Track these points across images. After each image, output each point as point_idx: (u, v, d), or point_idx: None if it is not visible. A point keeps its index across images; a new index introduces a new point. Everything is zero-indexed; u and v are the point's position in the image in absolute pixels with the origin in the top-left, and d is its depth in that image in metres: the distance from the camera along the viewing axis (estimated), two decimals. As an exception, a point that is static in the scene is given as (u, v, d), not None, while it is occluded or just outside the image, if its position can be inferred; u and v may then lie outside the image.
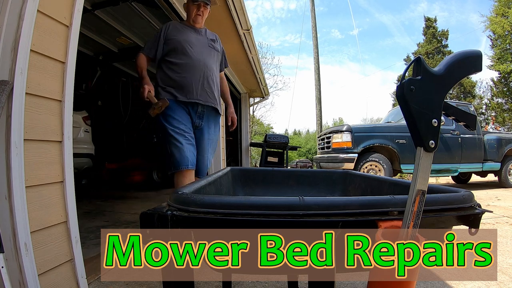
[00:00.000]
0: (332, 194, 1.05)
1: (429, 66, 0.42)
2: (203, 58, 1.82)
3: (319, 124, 11.94)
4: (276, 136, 5.58)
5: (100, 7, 3.30)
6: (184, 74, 1.76)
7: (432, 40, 20.31)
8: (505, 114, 16.99)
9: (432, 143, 0.41)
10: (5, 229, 0.94)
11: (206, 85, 1.81)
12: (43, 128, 1.10)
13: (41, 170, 1.09)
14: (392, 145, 4.88)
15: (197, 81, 1.78)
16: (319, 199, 0.46)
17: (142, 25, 3.74)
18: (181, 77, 1.76)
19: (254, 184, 1.06)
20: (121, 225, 2.65)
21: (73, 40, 1.21)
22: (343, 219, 0.43)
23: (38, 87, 1.07)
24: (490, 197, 4.31)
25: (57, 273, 1.12)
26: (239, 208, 0.43)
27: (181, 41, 1.77)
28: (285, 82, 18.84)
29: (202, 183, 0.62)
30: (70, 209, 1.19)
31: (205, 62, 1.83)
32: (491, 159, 5.45)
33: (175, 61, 1.77)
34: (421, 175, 0.41)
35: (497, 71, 16.63)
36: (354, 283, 1.47)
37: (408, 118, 0.42)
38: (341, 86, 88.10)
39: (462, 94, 19.12)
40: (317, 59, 12.00)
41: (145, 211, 0.43)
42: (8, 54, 0.97)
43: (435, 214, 0.47)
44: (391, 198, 0.46)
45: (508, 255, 1.84)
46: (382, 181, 0.84)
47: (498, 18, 15.64)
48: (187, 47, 1.78)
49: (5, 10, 0.97)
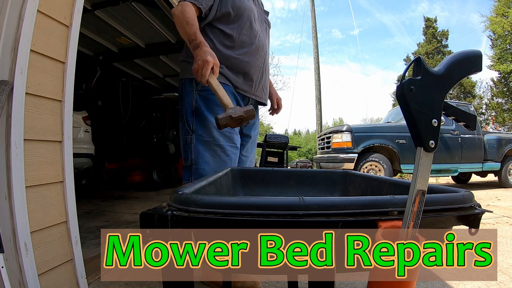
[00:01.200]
0: (332, 194, 1.05)
1: (429, 66, 0.42)
2: (263, 39, 1.35)
3: (319, 124, 11.94)
4: (276, 136, 5.58)
5: (100, 7, 3.29)
6: (246, 57, 1.25)
7: (432, 40, 20.32)
8: (505, 114, 17.00)
9: (432, 143, 0.41)
10: (5, 229, 0.94)
11: (264, 78, 1.37)
12: (43, 128, 1.10)
13: (41, 170, 1.09)
14: (392, 145, 4.89)
15: (257, 70, 1.31)
16: (319, 199, 0.46)
17: (142, 25, 3.73)
18: (243, 61, 1.24)
19: (254, 184, 1.06)
20: (121, 225, 2.65)
21: (73, 40, 1.21)
22: (343, 219, 0.43)
23: (38, 87, 1.07)
24: (490, 197, 4.31)
25: (57, 273, 1.12)
26: (239, 208, 0.43)
27: (245, 8, 1.25)
28: (285, 82, 18.85)
29: (202, 183, 0.62)
30: (70, 209, 1.19)
31: (265, 45, 1.36)
32: (491, 159, 5.45)
33: (235, 35, 1.23)
34: (421, 175, 0.41)
35: (497, 71, 16.64)
36: (354, 283, 1.47)
37: (408, 118, 0.42)
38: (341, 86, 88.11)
39: (462, 94, 19.12)
40: (317, 59, 12.00)
41: (145, 211, 0.43)
42: (8, 54, 0.97)
43: (435, 214, 0.47)
44: (391, 198, 0.46)
45: (508, 255, 1.84)
46: (382, 181, 0.84)
47: (498, 18, 15.65)
48: (252, 20, 1.27)
49: (5, 10, 0.97)
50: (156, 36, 3.99)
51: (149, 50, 4.41)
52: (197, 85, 1.22)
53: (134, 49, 4.47)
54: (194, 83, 1.22)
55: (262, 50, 1.32)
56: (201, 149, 1.19)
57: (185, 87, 1.26)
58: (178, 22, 1.14)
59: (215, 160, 1.19)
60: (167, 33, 3.88)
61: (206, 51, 1.01)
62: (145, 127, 6.08)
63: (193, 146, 1.20)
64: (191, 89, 1.23)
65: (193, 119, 1.21)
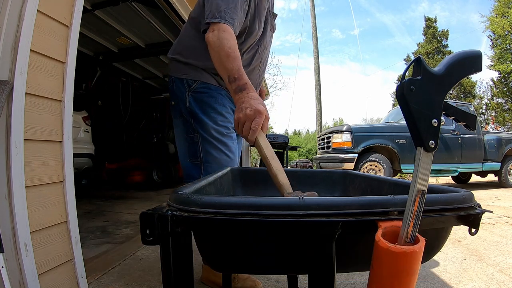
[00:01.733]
0: (332, 194, 1.05)
1: (429, 66, 0.42)
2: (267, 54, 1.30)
3: (319, 124, 11.94)
4: (276, 136, 5.58)
5: (100, 7, 3.30)
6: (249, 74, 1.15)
7: (432, 40, 20.33)
8: (505, 114, 17.01)
9: (432, 143, 0.41)
10: (5, 229, 0.94)
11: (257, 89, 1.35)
12: (43, 128, 1.10)
13: (41, 170, 1.09)
14: (392, 145, 4.89)
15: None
16: (319, 199, 0.46)
17: (142, 25, 3.74)
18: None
19: (254, 184, 1.06)
20: (121, 225, 2.65)
21: (73, 40, 1.21)
22: (343, 219, 0.43)
23: (38, 87, 1.07)
24: (490, 197, 4.31)
25: (57, 273, 1.12)
26: (239, 208, 0.42)
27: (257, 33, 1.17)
28: (285, 82, 18.90)
29: (202, 183, 0.62)
30: (70, 209, 1.19)
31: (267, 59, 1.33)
32: (491, 159, 5.46)
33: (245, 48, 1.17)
34: (421, 175, 0.41)
35: (497, 71, 16.64)
36: (354, 283, 1.47)
37: (408, 118, 0.42)
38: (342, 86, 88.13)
39: (462, 94, 19.13)
40: (317, 59, 12.01)
41: (145, 211, 0.43)
42: (8, 54, 0.97)
43: (435, 214, 0.47)
44: (391, 198, 0.46)
45: (508, 255, 1.84)
46: (382, 181, 0.83)
47: (498, 18, 15.66)
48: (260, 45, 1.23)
49: (5, 10, 0.97)
50: (156, 36, 3.99)
51: (149, 50, 4.42)
52: (189, 86, 1.19)
53: (134, 49, 4.48)
54: (186, 83, 1.19)
55: (260, 68, 1.28)
56: (207, 148, 1.18)
57: (176, 85, 1.21)
58: (215, 53, 0.94)
59: (221, 157, 1.19)
60: (167, 33, 3.89)
61: (256, 98, 0.82)
62: (145, 127, 6.09)
63: (200, 144, 1.18)
64: (184, 90, 1.19)
65: (191, 120, 1.19)
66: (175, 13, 2.72)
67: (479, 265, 1.68)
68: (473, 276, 1.53)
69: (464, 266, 1.67)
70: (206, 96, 1.18)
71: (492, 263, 1.71)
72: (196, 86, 1.18)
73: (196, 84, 1.18)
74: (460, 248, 2.01)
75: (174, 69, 1.24)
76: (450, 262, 1.74)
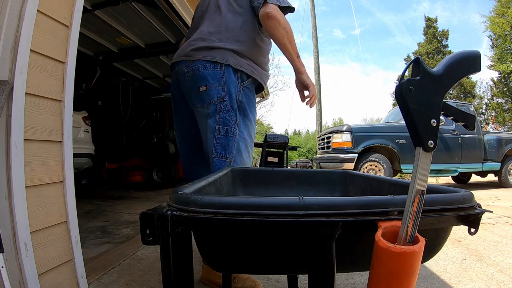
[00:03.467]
0: (332, 194, 1.05)
1: (429, 66, 0.42)
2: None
3: (319, 124, 11.93)
4: (276, 136, 5.58)
5: (100, 7, 3.29)
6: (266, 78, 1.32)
7: (433, 40, 20.33)
8: (505, 114, 17.01)
9: (431, 143, 0.41)
10: (5, 229, 0.94)
11: None
12: (43, 128, 1.10)
13: (41, 170, 1.09)
14: (392, 145, 4.89)
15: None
16: (319, 199, 0.46)
17: (142, 25, 3.74)
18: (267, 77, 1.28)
19: (254, 184, 1.06)
20: (121, 225, 2.65)
21: (73, 40, 1.21)
22: (343, 219, 0.43)
23: (38, 87, 1.07)
24: (490, 197, 4.31)
25: (57, 273, 1.12)
26: (239, 208, 0.43)
27: None
28: (285, 82, 18.80)
29: (202, 183, 0.62)
30: (70, 209, 1.19)
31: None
32: (491, 159, 5.46)
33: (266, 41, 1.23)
34: (420, 175, 0.41)
35: (497, 71, 16.64)
36: (354, 283, 1.47)
37: (407, 118, 0.42)
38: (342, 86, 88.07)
39: (462, 94, 19.13)
40: (317, 59, 11.99)
41: (145, 211, 0.43)
42: (8, 54, 0.97)
43: (435, 214, 0.47)
44: (391, 198, 0.46)
45: (508, 255, 1.84)
46: (382, 181, 0.84)
47: (498, 18, 15.66)
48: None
49: (5, 10, 0.97)
50: (156, 36, 3.99)
51: (149, 50, 4.42)
52: (242, 80, 1.15)
53: (134, 49, 4.47)
54: (240, 76, 1.14)
55: None
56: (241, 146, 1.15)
57: (229, 74, 1.14)
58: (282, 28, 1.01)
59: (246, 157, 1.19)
60: (167, 33, 3.89)
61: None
62: (145, 127, 6.09)
63: (237, 141, 1.13)
64: (237, 81, 1.15)
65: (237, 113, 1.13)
66: (175, 13, 2.72)
67: (479, 265, 1.68)
68: (473, 276, 1.53)
69: (464, 266, 1.67)
70: (252, 95, 1.19)
71: (492, 263, 1.71)
72: (248, 82, 1.18)
73: (249, 81, 1.18)
74: (460, 248, 2.01)
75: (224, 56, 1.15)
76: (450, 262, 1.74)
